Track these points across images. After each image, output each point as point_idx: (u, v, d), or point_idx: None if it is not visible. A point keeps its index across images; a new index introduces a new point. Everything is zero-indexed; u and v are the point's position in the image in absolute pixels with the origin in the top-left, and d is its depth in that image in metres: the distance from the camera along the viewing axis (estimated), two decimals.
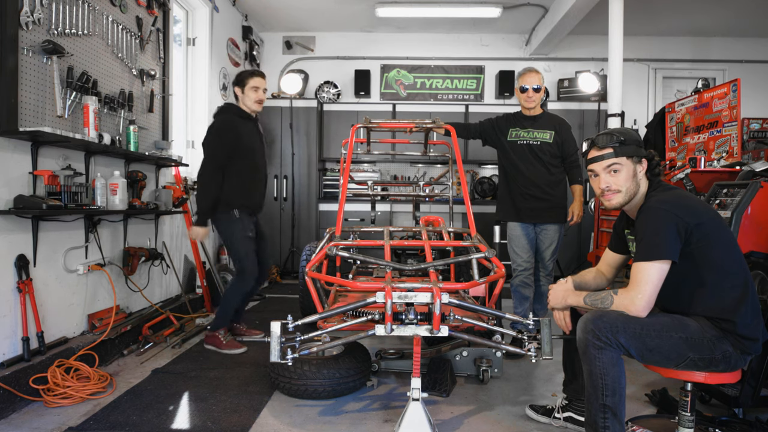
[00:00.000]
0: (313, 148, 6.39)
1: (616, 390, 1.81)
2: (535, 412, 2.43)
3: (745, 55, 6.89)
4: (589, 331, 1.83)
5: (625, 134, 1.97)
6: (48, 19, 2.84)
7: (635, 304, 1.80)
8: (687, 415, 1.98)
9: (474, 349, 2.99)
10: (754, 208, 2.41)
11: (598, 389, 1.82)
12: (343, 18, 6.53)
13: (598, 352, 1.81)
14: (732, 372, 1.88)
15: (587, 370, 1.86)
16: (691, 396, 1.96)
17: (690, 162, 3.97)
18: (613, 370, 1.81)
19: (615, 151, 1.95)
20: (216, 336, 3.38)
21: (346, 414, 2.50)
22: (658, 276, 1.79)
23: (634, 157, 1.96)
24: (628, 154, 1.95)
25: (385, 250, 2.69)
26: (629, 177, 1.96)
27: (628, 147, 1.95)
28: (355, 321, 2.29)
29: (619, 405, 1.82)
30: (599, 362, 1.81)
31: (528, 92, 3.44)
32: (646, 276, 1.79)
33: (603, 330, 1.80)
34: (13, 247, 2.67)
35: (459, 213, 5.96)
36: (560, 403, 2.38)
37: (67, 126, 2.96)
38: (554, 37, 6.19)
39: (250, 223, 3.44)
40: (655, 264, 1.78)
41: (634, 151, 1.95)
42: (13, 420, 2.38)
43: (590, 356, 1.83)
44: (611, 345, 1.80)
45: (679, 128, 4.94)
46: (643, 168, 1.99)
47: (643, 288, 1.79)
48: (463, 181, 3.21)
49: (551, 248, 3.50)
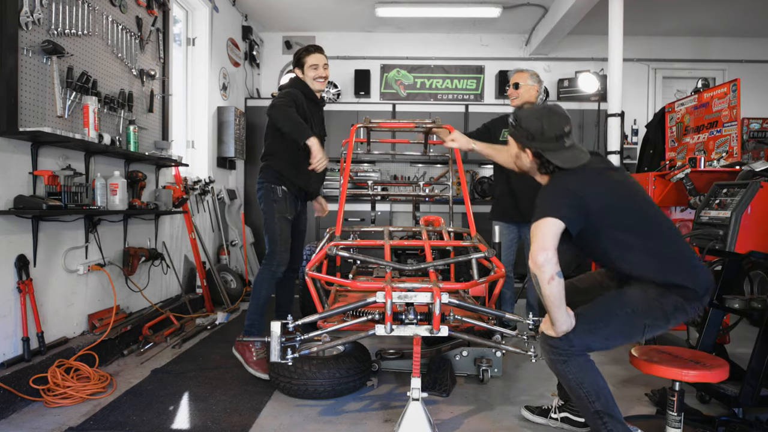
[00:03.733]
0: None
1: (599, 393, 1.85)
2: (530, 412, 2.43)
3: (745, 55, 6.89)
4: (548, 350, 1.90)
5: (521, 120, 2.04)
6: (48, 19, 2.84)
7: (533, 259, 1.81)
8: (674, 414, 2.00)
9: (474, 348, 2.99)
10: (753, 208, 2.41)
11: (582, 399, 1.87)
12: (343, 18, 6.53)
13: (565, 365, 1.86)
14: (710, 371, 1.91)
15: (565, 385, 1.91)
16: (677, 396, 1.98)
17: (690, 162, 3.96)
18: (587, 376, 1.86)
19: (509, 129, 2.12)
20: (248, 346, 2.93)
21: (346, 414, 2.50)
22: (546, 229, 1.81)
23: (518, 143, 2.07)
24: (514, 136, 2.09)
25: (385, 250, 2.69)
26: (515, 155, 2.12)
27: (514, 131, 2.07)
28: (355, 321, 2.30)
29: (610, 406, 1.85)
30: (571, 374, 1.86)
31: (509, 90, 3.58)
32: (534, 232, 1.84)
33: (557, 343, 1.86)
34: (13, 247, 2.67)
35: (459, 213, 5.95)
36: (556, 404, 2.38)
37: (67, 126, 2.96)
38: (554, 37, 6.18)
39: (293, 206, 3.12)
40: (542, 220, 1.83)
41: (517, 136, 2.06)
42: (13, 420, 2.39)
43: (560, 372, 1.88)
44: (573, 353, 1.85)
45: (679, 128, 4.94)
46: (529, 156, 2.03)
47: (533, 242, 1.83)
48: (463, 181, 3.21)
49: None
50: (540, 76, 3.65)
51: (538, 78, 3.57)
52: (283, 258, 3.04)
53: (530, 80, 3.51)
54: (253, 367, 2.91)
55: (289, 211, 3.08)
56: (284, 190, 3.06)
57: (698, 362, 1.99)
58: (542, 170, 2.04)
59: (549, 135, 1.96)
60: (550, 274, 1.77)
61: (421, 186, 4.95)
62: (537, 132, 1.98)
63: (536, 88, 3.54)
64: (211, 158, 5.38)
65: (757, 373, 2.20)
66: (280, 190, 3.05)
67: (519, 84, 3.50)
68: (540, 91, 3.59)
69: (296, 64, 3.20)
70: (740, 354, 2.99)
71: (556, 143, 1.97)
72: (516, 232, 3.66)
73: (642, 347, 2.23)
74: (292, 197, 3.10)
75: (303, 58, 3.14)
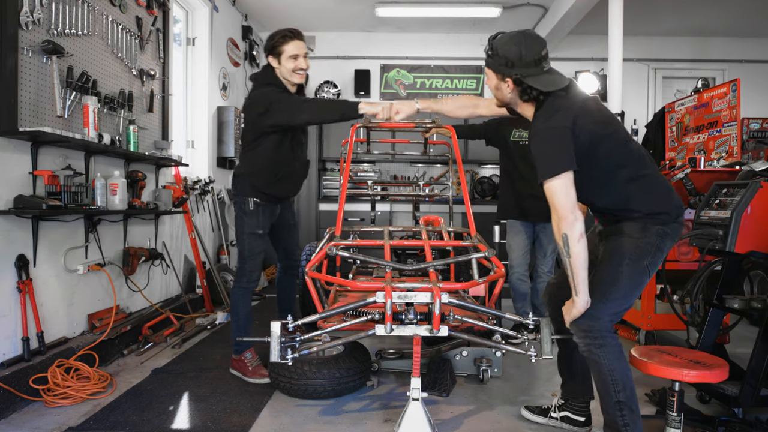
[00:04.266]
0: (313, 148, 6.38)
1: (626, 384, 1.86)
2: (530, 412, 2.43)
3: (744, 55, 6.89)
4: (582, 336, 1.90)
5: (497, 49, 1.97)
6: (48, 19, 2.84)
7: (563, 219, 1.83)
8: (674, 415, 2.00)
9: (474, 348, 2.99)
10: (753, 208, 2.40)
11: (609, 387, 1.86)
12: (343, 18, 6.53)
13: (601, 349, 1.87)
14: (710, 371, 1.91)
15: (596, 371, 1.90)
16: (677, 396, 1.98)
17: (690, 162, 3.96)
18: (619, 364, 1.87)
19: (486, 61, 2.04)
20: (241, 360, 2.93)
21: (346, 414, 2.50)
22: (563, 188, 1.82)
23: (497, 73, 2.00)
24: (491, 67, 2.01)
25: (385, 250, 2.69)
26: (494, 87, 2.06)
27: (491, 61, 2.00)
28: (355, 321, 2.29)
29: (632, 398, 1.87)
30: (605, 359, 1.86)
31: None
32: (553, 194, 1.84)
33: (589, 325, 1.88)
34: (13, 247, 2.67)
35: (459, 213, 5.96)
36: (556, 403, 2.39)
37: (67, 126, 2.96)
38: (554, 37, 6.18)
39: (268, 216, 2.98)
40: (555, 180, 1.83)
41: (495, 66, 1.99)
42: (13, 420, 2.38)
43: (595, 356, 1.88)
44: (605, 331, 1.87)
45: (679, 128, 4.94)
46: (510, 86, 1.99)
47: (557, 205, 1.84)
48: (463, 181, 3.21)
49: (552, 246, 3.58)
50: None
51: None
52: (253, 275, 2.95)
53: None
54: (252, 377, 2.89)
55: (261, 225, 2.93)
56: (257, 202, 2.89)
57: (698, 362, 1.99)
58: (524, 97, 1.99)
59: (527, 60, 1.91)
60: (580, 231, 1.81)
61: (421, 186, 4.94)
62: (515, 57, 1.91)
63: None
64: (211, 158, 5.38)
65: (757, 373, 2.20)
66: (251, 202, 2.88)
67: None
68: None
69: (270, 51, 2.85)
70: (740, 354, 2.99)
71: (536, 68, 1.92)
72: (533, 230, 3.62)
73: (642, 347, 2.23)
74: (267, 207, 2.95)
75: (280, 46, 2.81)
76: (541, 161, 1.87)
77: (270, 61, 2.89)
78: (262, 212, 2.93)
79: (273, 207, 3.01)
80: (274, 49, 2.85)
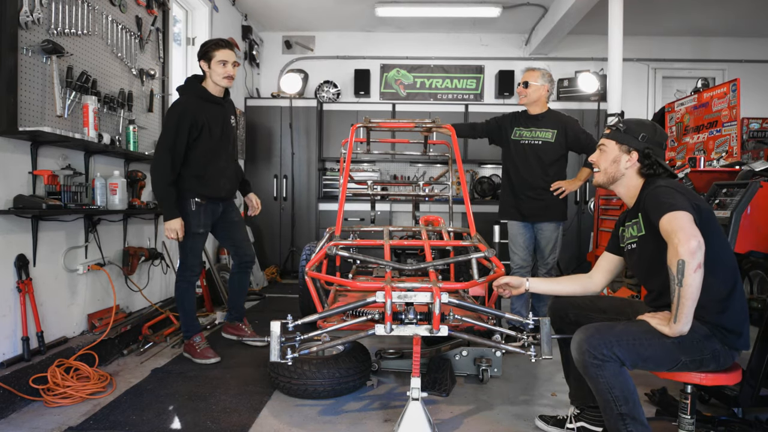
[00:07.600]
0: (313, 148, 6.39)
1: (627, 398, 1.79)
2: (545, 423, 2.35)
3: (744, 54, 6.89)
4: (584, 351, 1.81)
5: (631, 124, 2.07)
6: (47, 18, 2.84)
7: (684, 245, 1.67)
8: (687, 418, 1.96)
9: (474, 348, 2.99)
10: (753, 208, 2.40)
11: (609, 403, 1.81)
12: (343, 17, 6.53)
13: (599, 369, 1.79)
14: (725, 373, 1.87)
15: (593, 387, 1.84)
16: (690, 398, 1.94)
17: (689, 162, 3.97)
18: (619, 381, 1.80)
19: (610, 133, 2.09)
20: (191, 344, 3.22)
21: (346, 413, 2.50)
22: (689, 220, 1.73)
23: (623, 145, 2.05)
24: (618, 139, 2.06)
25: (385, 250, 2.69)
26: (611, 160, 2.07)
27: (621, 134, 2.06)
28: (355, 321, 2.29)
29: (636, 409, 1.80)
30: (602, 379, 1.80)
31: (519, 88, 3.57)
32: (674, 218, 1.74)
33: (598, 347, 1.78)
34: (13, 247, 2.67)
35: (459, 213, 5.96)
36: (572, 413, 2.30)
37: (67, 126, 2.96)
38: (554, 36, 6.19)
39: (209, 215, 3.19)
40: (679, 212, 1.76)
41: (624, 139, 2.05)
42: (13, 420, 2.38)
43: (592, 375, 1.81)
44: (609, 359, 1.78)
45: (679, 128, 4.94)
46: (631, 159, 2.04)
47: (678, 228, 1.71)
48: (463, 181, 3.21)
49: (549, 246, 3.57)
50: (553, 75, 3.61)
51: (551, 78, 3.54)
52: (195, 269, 3.22)
53: (540, 80, 3.48)
54: (199, 357, 3.15)
55: (202, 224, 3.15)
56: (197, 202, 3.11)
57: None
58: (644, 171, 2.03)
59: (658, 140, 2.04)
60: (699, 261, 1.67)
61: (421, 186, 4.95)
62: (650, 134, 2.04)
63: (546, 87, 3.50)
64: None
65: (757, 373, 2.20)
66: (192, 202, 3.10)
67: (528, 83, 3.49)
68: (551, 90, 3.56)
69: (203, 56, 3.07)
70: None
71: (661, 150, 2.05)
72: (531, 231, 3.62)
73: None
74: (208, 206, 3.17)
75: (211, 52, 3.04)
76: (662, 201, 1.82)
77: (201, 66, 3.12)
78: (203, 212, 3.16)
79: (214, 206, 3.23)
80: (206, 54, 3.07)
